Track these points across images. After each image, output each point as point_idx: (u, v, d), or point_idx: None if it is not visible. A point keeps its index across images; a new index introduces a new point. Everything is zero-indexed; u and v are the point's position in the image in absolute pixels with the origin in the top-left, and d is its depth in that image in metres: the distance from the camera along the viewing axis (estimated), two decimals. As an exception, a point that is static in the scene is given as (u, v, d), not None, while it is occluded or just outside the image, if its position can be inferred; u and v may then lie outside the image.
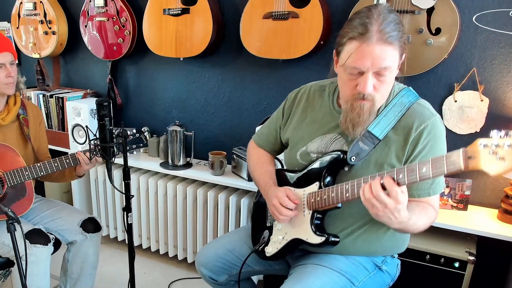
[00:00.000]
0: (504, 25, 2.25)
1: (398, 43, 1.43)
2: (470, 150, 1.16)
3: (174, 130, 2.94)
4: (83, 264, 2.44)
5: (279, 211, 1.67)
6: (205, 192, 2.91)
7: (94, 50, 3.28)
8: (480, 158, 1.14)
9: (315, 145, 1.72)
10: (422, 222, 1.49)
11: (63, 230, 2.37)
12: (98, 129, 1.92)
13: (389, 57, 1.42)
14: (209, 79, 3.10)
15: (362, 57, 1.42)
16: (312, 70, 2.73)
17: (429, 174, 1.26)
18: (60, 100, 3.35)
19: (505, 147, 1.10)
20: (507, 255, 2.46)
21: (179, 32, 2.85)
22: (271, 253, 1.80)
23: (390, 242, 1.73)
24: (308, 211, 1.65)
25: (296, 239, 1.70)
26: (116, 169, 3.17)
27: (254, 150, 2.05)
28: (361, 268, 1.71)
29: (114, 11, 3.08)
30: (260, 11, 2.59)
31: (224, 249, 1.98)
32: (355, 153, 1.56)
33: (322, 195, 1.59)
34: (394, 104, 1.57)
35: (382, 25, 1.40)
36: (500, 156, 1.10)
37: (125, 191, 2.08)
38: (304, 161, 1.75)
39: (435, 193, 1.58)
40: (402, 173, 1.32)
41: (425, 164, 1.27)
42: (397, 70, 1.50)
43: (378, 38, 1.39)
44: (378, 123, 1.55)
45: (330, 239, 1.58)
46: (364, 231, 1.68)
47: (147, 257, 3.34)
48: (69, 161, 2.21)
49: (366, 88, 1.45)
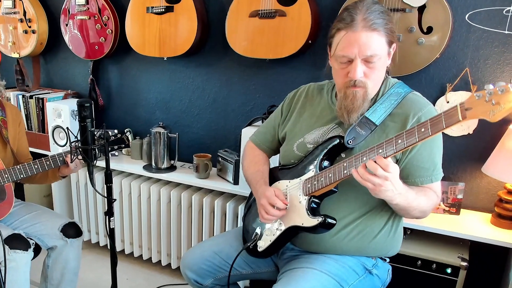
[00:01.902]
0: (498, 23, 2.21)
1: (383, 30, 1.52)
2: (467, 102, 1.24)
3: (157, 132, 2.89)
4: (63, 270, 2.39)
5: (266, 210, 1.69)
6: (190, 196, 2.87)
7: (75, 49, 3.22)
8: (477, 107, 1.21)
9: (312, 136, 1.76)
10: (423, 202, 1.56)
11: (43, 235, 2.32)
12: (80, 131, 1.88)
13: (374, 43, 1.51)
14: (194, 79, 3.05)
15: (349, 44, 1.52)
16: (300, 70, 2.69)
17: (429, 132, 1.32)
18: (40, 101, 3.29)
19: (498, 93, 1.17)
20: (501, 261, 2.43)
21: (163, 31, 2.80)
22: (264, 247, 1.79)
23: (384, 241, 1.73)
24: (304, 197, 1.67)
25: (291, 228, 1.69)
26: (97, 172, 3.12)
27: (250, 150, 2.06)
28: (351, 271, 1.70)
29: (96, 9, 3.01)
30: (246, 9, 2.55)
31: (211, 251, 1.96)
32: (352, 137, 1.60)
33: (319, 177, 1.61)
34: (390, 94, 1.64)
35: (366, 14, 1.51)
36: (496, 101, 1.18)
37: (107, 195, 2.04)
38: (301, 153, 1.78)
39: (437, 179, 1.63)
40: (401, 139, 1.38)
41: (423, 124, 1.34)
42: (388, 58, 1.60)
43: (363, 26, 1.50)
44: (375, 110, 1.61)
45: (326, 221, 1.58)
46: (359, 225, 1.69)
47: (130, 263, 3.28)
48: (49, 163, 2.17)
49: (356, 74, 1.54)
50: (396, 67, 1.71)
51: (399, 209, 1.56)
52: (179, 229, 2.97)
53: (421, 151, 1.59)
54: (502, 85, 1.16)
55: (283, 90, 2.69)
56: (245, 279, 2.11)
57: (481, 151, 2.32)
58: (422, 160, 1.60)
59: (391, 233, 1.73)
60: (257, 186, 1.83)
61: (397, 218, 1.74)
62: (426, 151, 1.59)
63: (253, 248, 1.83)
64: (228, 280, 1.88)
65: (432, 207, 1.62)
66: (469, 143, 2.36)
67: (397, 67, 1.73)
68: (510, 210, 2.21)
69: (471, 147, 2.36)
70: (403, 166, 1.61)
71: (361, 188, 1.48)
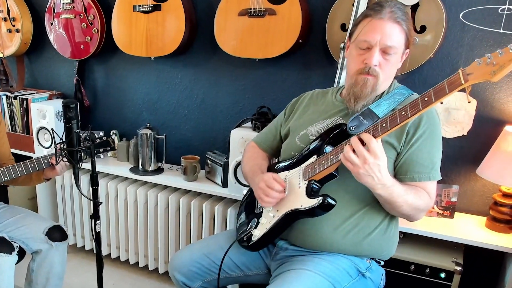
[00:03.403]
0: (493, 22, 2.19)
1: (405, 27, 1.62)
2: (468, 68, 1.30)
3: (144, 134, 2.85)
4: (48, 275, 2.37)
5: (266, 192, 1.71)
6: (178, 199, 2.84)
7: (60, 49, 3.18)
8: (478, 71, 1.28)
9: (316, 128, 1.79)
10: (411, 199, 1.57)
11: (28, 239, 2.30)
12: (65, 132, 1.87)
13: (396, 36, 1.60)
14: (182, 79, 3.02)
15: (373, 29, 1.60)
16: (291, 70, 2.66)
17: (432, 99, 1.36)
18: (25, 101, 3.25)
19: (498, 56, 1.24)
20: (496, 265, 2.42)
21: (150, 30, 2.77)
22: (258, 236, 1.79)
23: (379, 239, 1.73)
24: (304, 182, 1.68)
25: (289, 214, 1.69)
26: (83, 174, 3.08)
27: (250, 148, 2.10)
28: (345, 273, 1.69)
29: (82, 7, 2.98)
30: (235, 7, 2.52)
31: (200, 253, 1.95)
32: (354, 124, 1.59)
33: (320, 161, 1.63)
34: (395, 93, 1.68)
35: (394, 8, 1.61)
36: (496, 62, 1.24)
37: (93, 198, 2.02)
38: (303, 144, 1.80)
39: (435, 178, 1.65)
40: (405, 110, 1.42)
41: (427, 94, 1.38)
42: (401, 59, 1.68)
43: (390, 16, 1.59)
44: (379, 104, 1.63)
45: (326, 200, 1.58)
46: (356, 219, 1.69)
47: (116, 267, 3.24)
48: (34, 165, 2.18)
49: (372, 60, 1.60)
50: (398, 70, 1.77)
51: (383, 201, 1.58)
52: (167, 233, 2.94)
53: (421, 147, 1.61)
54: (501, 50, 1.23)
55: (273, 91, 2.70)
56: (235, 283, 2.09)
57: (476, 153, 2.30)
58: (422, 156, 1.62)
59: (386, 232, 1.74)
60: (254, 177, 1.86)
61: (394, 217, 1.75)
62: (426, 148, 1.62)
63: (247, 238, 1.83)
64: (219, 277, 1.89)
65: (424, 208, 1.63)
66: (464, 145, 2.34)
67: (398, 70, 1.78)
68: (506, 213, 2.19)
69: (466, 148, 2.35)
70: (403, 161, 1.63)
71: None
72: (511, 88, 2.22)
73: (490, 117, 2.28)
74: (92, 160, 1.97)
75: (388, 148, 1.61)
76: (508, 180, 2.09)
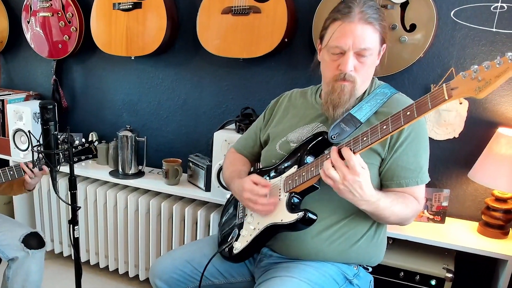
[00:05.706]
0: (485, 21, 2.16)
1: (378, 26, 1.55)
2: (452, 82, 1.22)
3: (124, 136, 2.79)
4: (25, 283, 2.32)
5: (254, 201, 1.65)
6: (159, 203, 2.78)
7: (37, 48, 3.12)
8: (463, 86, 1.20)
9: (296, 135, 1.74)
10: (398, 209, 1.53)
11: (3, 246, 2.26)
12: (42, 135, 1.84)
13: (369, 37, 1.53)
14: (163, 80, 2.98)
15: (344, 34, 1.53)
16: (276, 70, 2.63)
17: (414, 115, 1.29)
18: (0, 102, 3.18)
19: (484, 70, 1.15)
20: (488, 272, 2.39)
21: (130, 28, 2.72)
22: (240, 249, 1.75)
23: (366, 246, 1.70)
24: (285, 194, 1.63)
25: (270, 226, 1.65)
26: (61, 178, 3.01)
27: (230, 154, 2.07)
28: (331, 280, 1.66)
29: (59, 5, 2.93)
30: (219, 5, 2.48)
31: (182, 259, 1.90)
32: (336, 133, 1.56)
33: (300, 173, 1.58)
34: (376, 94, 1.65)
35: (363, 7, 1.53)
36: (482, 78, 1.16)
37: (71, 202, 1.98)
38: (283, 151, 1.75)
39: (423, 181, 1.61)
40: (387, 124, 1.36)
41: (409, 108, 1.31)
42: (378, 57, 1.61)
43: (360, 18, 1.52)
44: (360, 107, 1.60)
45: (307, 215, 1.53)
46: (342, 228, 1.65)
47: (95, 274, 3.16)
48: (13, 172, 2.13)
49: (347, 67, 1.54)
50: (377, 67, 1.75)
51: (369, 214, 1.55)
52: (147, 238, 2.88)
53: (407, 151, 1.56)
54: (488, 63, 1.14)
55: (258, 91, 2.65)
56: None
57: (468, 156, 2.28)
58: (407, 160, 1.57)
59: (374, 238, 1.70)
60: (232, 184, 1.84)
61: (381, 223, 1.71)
62: (412, 151, 1.57)
63: (229, 250, 1.79)
64: (200, 284, 1.85)
65: (413, 215, 1.61)
66: (455, 148, 2.32)
67: (378, 67, 1.74)
68: (498, 218, 2.17)
69: (457, 151, 2.32)
70: (388, 167, 1.59)
71: None
72: (504, 88, 2.19)
73: (482, 119, 2.26)
74: (70, 163, 1.94)
75: (371, 154, 1.58)
76: (501, 184, 2.07)
